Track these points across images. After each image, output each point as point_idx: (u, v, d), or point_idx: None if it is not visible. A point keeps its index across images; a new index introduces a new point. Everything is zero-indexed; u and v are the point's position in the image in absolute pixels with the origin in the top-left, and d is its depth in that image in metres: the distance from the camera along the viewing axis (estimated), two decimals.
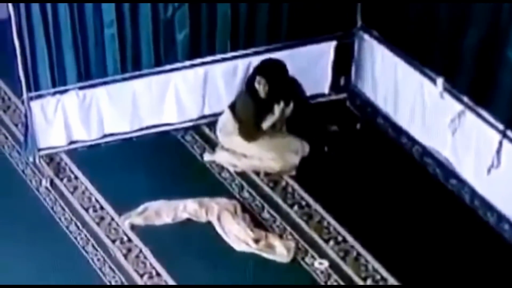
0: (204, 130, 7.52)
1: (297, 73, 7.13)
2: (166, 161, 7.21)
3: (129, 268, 6.33)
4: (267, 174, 7.09)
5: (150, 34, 7.05)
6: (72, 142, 7.28)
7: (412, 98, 7.11)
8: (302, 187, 6.98)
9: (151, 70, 7.20)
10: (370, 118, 7.61)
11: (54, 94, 7.02)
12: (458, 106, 6.62)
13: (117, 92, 7.20)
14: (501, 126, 6.30)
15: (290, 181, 7.05)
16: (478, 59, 6.41)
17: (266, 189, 7.00)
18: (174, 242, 6.50)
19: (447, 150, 6.88)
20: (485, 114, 6.43)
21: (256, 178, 7.08)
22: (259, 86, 6.95)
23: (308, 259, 6.40)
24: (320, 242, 6.53)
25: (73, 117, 7.18)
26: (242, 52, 7.35)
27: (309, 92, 7.37)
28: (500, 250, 6.42)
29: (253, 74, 7.04)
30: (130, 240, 6.54)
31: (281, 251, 6.40)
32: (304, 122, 7.25)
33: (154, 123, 7.45)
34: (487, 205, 6.59)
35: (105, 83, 7.13)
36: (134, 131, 7.41)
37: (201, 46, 7.26)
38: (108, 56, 7.03)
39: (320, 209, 6.79)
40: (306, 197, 6.90)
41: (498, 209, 6.51)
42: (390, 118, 7.43)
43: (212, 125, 7.43)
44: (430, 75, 6.85)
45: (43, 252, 6.40)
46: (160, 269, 6.30)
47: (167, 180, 7.00)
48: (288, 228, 6.64)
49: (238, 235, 6.50)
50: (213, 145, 7.34)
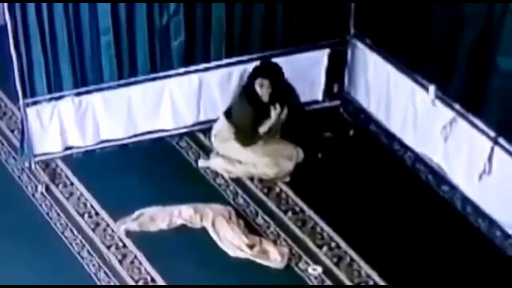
0: (199, 136, 7.57)
1: (291, 79, 7.18)
2: (161, 167, 7.26)
3: (124, 273, 6.36)
4: (261, 180, 7.14)
5: (146, 41, 7.10)
6: (67, 148, 7.32)
7: (404, 105, 7.17)
8: (296, 193, 7.03)
9: (147, 77, 7.25)
10: (363, 124, 7.67)
11: (50, 100, 7.07)
12: (450, 113, 6.68)
13: (112, 98, 7.24)
14: (492, 133, 6.36)
15: (284, 187, 7.10)
16: (469, 67, 6.47)
17: (260, 195, 7.04)
18: (169, 248, 6.54)
19: (439, 156, 6.94)
20: (476, 121, 6.48)
21: (250, 184, 7.13)
22: (262, 88, 6.96)
23: (302, 265, 6.44)
24: (313, 248, 6.58)
25: (69, 123, 7.22)
26: (236, 59, 7.40)
27: (303, 98, 7.43)
28: (491, 256, 6.46)
29: (252, 78, 7.04)
30: (125, 245, 6.58)
31: (275, 257, 6.44)
32: (298, 128, 7.30)
33: (150, 129, 7.49)
34: (479, 211, 6.64)
35: (101, 90, 7.18)
36: (129, 137, 7.45)
37: (196, 53, 7.31)
38: (104, 62, 7.08)
39: (313, 215, 6.83)
40: (300, 203, 6.95)
41: (490, 215, 6.56)
42: (383, 125, 7.49)
43: (207, 131, 7.48)
44: (422, 83, 6.91)
45: (39, 257, 6.44)
46: (155, 274, 6.34)
47: (162, 186, 7.04)
48: (282, 234, 6.69)
49: (232, 241, 6.54)
50: (207, 151, 7.39)
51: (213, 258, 6.47)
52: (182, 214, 6.75)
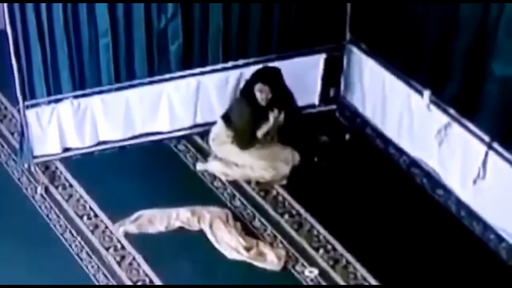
0: (196, 139, 7.62)
1: (287, 84, 7.22)
2: (159, 169, 7.30)
3: (122, 275, 6.41)
4: (258, 183, 7.19)
5: (144, 44, 7.15)
6: (66, 149, 7.37)
7: (399, 110, 7.22)
8: (292, 197, 7.08)
9: (145, 80, 7.31)
10: (358, 129, 7.73)
11: (49, 103, 7.12)
12: (445, 118, 6.73)
13: (111, 101, 7.30)
14: (487, 138, 6.41)
15: (281, 190, 7.15)
16: (464, 72, 6.52)
17: (257, 198, 7.10)
18: (167, 249, 6.59)
19: (434, 160, 6.99)
20: (471, 126, 6.53)
21: (247, 187, 7.18)
22: (261, 94, 7.00)
23: (298, 267, 6.50)
24: (310, 250, 6.63)
25: (67, 125, 7.27)
26: (234, 63, 7.46)
27: (299, 103, 7.47)
28: (485, 260, 6.52)
29: (251, 82, 7.08)
30: (123, 247, 6.63)
31: (272, 259, 6.49)
32: (295, 132, 7.34)
33: (148, 132, 7.54)
34: (473, 215, 6.70)
35: (99, 92, 7.23)
36: (127, 139, 7.50)
37: (193, 57, 7.36)
38: (102, 65, 7.13)
39: (310, 218, 6.89)
40: (297, 206, 7.00)
41: (484, 219, 6.62)
42: (378, 129, 7.55)
43: (204, 134, 7.53)
44: (417, 88, 6.96)
45: (38, 259, 6.48)
46: (153, 276, 6.38)
47: (160, 188, 7.09)
48: (278, 236, 6.74)
49: (229, 243, 6.59)
50: (205, 154, 7.44)
51: (210, 260, 6.52)
52: (180, 216, 6.80)
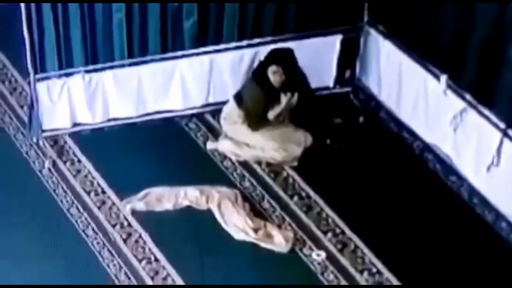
0: (208, 118, 7.56)
1: (302, 65, 7.15)
2: (169, 147, 7.26)
3: (128, 252, 6.38)
4: (269, 164, 7.13)
5: (158, 20, 7.09)
6: (76, 124, 7.33)
7: (415, 94, 7.15)
8: (303, 179, 7.02)
9: (158, 56, 7.24)
10: (373, 112, 7.65)
11: (60, 76, 7.08)
12: (461, 104, 6.67)
13: (123, 76, 7.25)
14: (502, 125, 6.35)
15: (291, 172, 7.09)
16: (481, 58, 6.45)
17: (267, 179, 7.04)
18: (174, 228, 6.55)
19: (448, 146, 6.93)
20: (487, 112, 6.47)
21: (257, 168, 7.12)
22: (274, 75, 6.94)
23: (306, 250, 6.45)
24: (318, 233, 6.58)
25: (78, 100, 7.23)
26: (248, 42, 7.39)
27: (313, 84, 7.39)
28: (497, 248, 6.46)
29: (265, 63, 7.02)
30: (130, 225, 6.59)
31: (279, 241, 6.44)
32: (308, 114, 7.28)
33: (159, 109, 7.49)
34: (486, 203, 6.64)
35: (111, 67, 7.18)
36: (138, 116, 7.46)
37: (208, 35, 7.29)
38: (115, 40, 7.08)
39: (320, 200, 6.83)
40: (307, 188, 6.94)
41: (496, 207, 6.56)
42: (393, 112, 7.48)
43: (216, 113, 7.47)
44: (434, 72, 6.89)
45: (43, 234, 6.46)
46: (158, 254, 6.35)
47: (170, 166, 7.05)
48: (287, 218, 6.69)
49: (237, 224, 6.55)
50: (216, 133, 7.39)
51: (217, 240, 6.48)
52: (188, 195, 6.76)
